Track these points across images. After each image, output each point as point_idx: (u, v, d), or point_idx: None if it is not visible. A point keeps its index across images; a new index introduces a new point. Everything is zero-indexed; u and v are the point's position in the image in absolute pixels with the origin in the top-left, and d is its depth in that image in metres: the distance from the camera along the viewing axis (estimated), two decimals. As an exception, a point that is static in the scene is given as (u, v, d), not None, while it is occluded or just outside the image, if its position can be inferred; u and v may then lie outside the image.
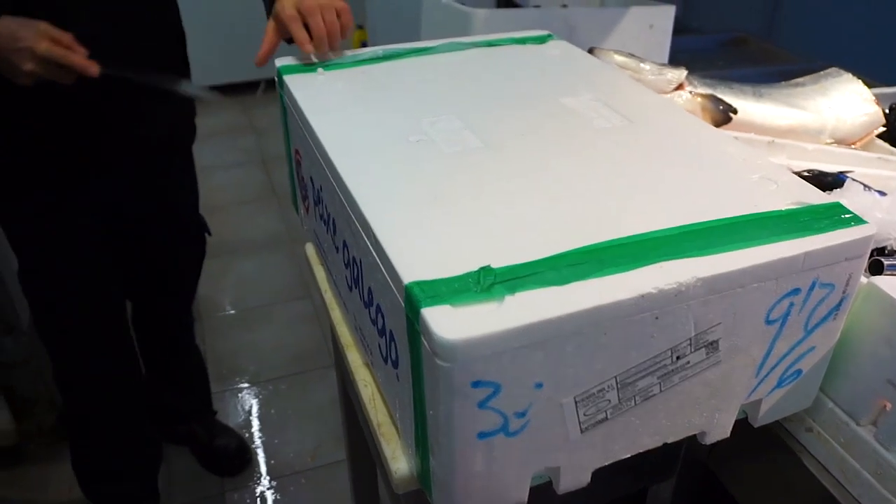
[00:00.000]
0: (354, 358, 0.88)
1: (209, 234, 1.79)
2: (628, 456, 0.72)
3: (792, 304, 0.69)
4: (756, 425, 0.80)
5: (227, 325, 2.60)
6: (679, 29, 2.76)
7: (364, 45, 4.00)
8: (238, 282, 2.83)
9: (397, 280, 0.62)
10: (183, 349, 1.95)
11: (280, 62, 1.07)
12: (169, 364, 1.95)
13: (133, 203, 1.54)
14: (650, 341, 0.63)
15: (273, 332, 2.57)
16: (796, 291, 0.68)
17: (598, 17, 1.81)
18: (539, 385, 0.61)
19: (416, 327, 0.59)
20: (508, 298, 0.58)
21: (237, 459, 2.04)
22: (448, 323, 0.56)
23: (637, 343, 0.63)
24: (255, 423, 2.21)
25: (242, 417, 2.23)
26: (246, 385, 2.36)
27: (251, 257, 2.97)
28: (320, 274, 1.03)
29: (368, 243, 0.69)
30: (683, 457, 0.98)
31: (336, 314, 0.96)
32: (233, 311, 2.68)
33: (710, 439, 0.77)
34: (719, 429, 0.76)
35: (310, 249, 1.10)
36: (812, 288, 0.69)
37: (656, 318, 0.62)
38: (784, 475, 0.86)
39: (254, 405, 2.28)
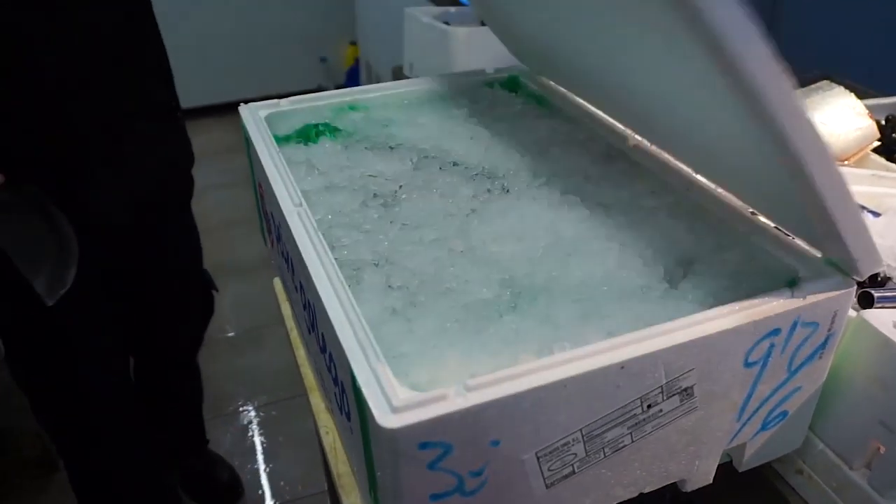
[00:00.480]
0: (317, 402, 0.84)
1: (216, 290, 1.70)
2: (600, 510, 0.67)
3: (773, 346, 0.64)
4: (741, 470, 0.75)
5: (219, 349, 2.56)
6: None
7: (357, 60, 3.98)
8: (230, 304, 2.78)
9: (341, 332, 0.58)
10: (186, 396, 1.89)
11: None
12: (168, 408, 1.89)
13: (129, 262, 1.44)
14: (616, 391, 0.58)
15: (264, 355, 2.53)
16: (776, 332, 0.64)
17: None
18: (495, 443, 0.56)
19: (358, 383, 0.55)
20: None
21: (229, 493, 1.99)
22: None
23: (602, 394, 0.58)
24: (246, 451, 2.17)
25: (233, 444, 2.18)
26: (237, 410, 2.31)
27: (243, 279, 2.93)
28: (287, 311, 0.98)
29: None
30: (670, 498, 0.93)
31: (301, 353, 0.91)
32: (224, 335, 2.64)
33: (690, 486, 0.72)
34: (700, 476, 0.71)
35: (277, 284, 1.05)
36: (794, 327, 0.64)
37: (622, 367, 0.57)
38: (773, 520, 0.81)
39: (245, 432, 2.24)
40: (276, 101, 1.00)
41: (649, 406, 0.61)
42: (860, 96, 1.46)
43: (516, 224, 0.76)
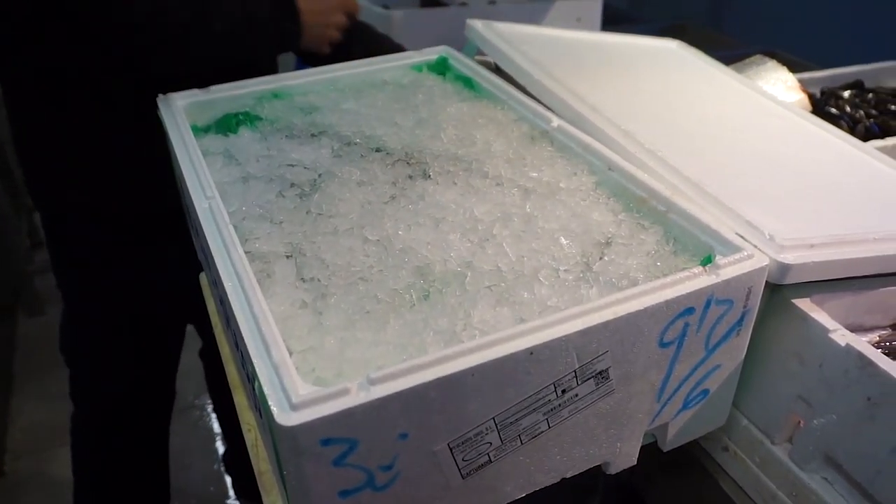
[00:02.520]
0: (241, 400, 0.82)
1: None
2: (523, 495, 0.66)
3: (688, 325, 0.64)
4: (665, 449, 0.75)
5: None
6: (623, 19, 2.73)
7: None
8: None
9: (241, 328, 0.56)
10: None
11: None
12: None
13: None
14: (527, 378, 0.58)
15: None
16: (690, 311, 0.63)
17: (526, 12, 1.75)
18: (404, 436, 0.55)
19: (259, 380, 0.53)
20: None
21: None
22: (286, 378, 0.50)
23: (512, 381, 0.57)
24: (201, 447, 2.14)
25: (185, 442, 2.15)
26: (190, 406, 2.28)
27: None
28: (212, 306, 0.96)
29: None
30: (605, 478, 0.93)
31: (225, 351, 0.89)
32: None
33: (614, 469, 0.71)
34: (624, 457, 0.71)
35: (203, 280, 1.03)
36: (708, 305, 0.64)
37: (531, 353, 0.56)
38: (702, 497, 0.82)
39: (196, 429, 2.21)
40: (195, 90, 0.97)
41: (564, 391, 0.61)
42: (801, 69, 1.48)
43: (435, 211, 0.75)
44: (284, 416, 0.50)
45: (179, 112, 0.91)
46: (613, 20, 2.32)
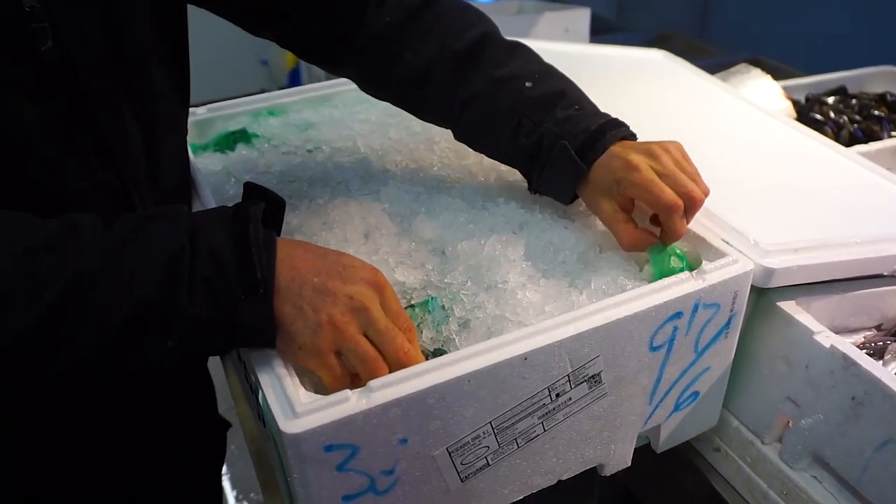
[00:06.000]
0: (243, 410, 0.84)
1: None
2: (520, 498, 0.68)
3: (676, 329, 0.66)
4: (658, 451, 0.77)
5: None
6: (610, 29, 2.76)
7: (298, 61, 3.93)
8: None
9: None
10: None
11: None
12: None
13: None
14: (522, 383, 0.59)
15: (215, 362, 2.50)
16: (678, 315, 0.65)
17: (514, 24, 1.78)
18: (403, 441, 0.57)
19: (262, 388, 0.55)
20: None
21: None
22: (289, 387, 0.52)
23: (507, 386, 0.59)
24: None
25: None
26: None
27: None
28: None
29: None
30: (601, 480, 0.95)
31: (227, 363, 0.91)
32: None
33: (609, 470, 0.73)
34: (618, 459, 0.73)
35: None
36: (696, 310, 0.66)
37: (525, 359, 0.58)
38: (695, 496, 0.84)
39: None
40: (193, 108, 0.99)
41: (558, 395, 0.63)
42: (785, 76, 1.50)
43: (429, 222, 0.77)
44: (289, 424, 0.52)
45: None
46: (600, 30, 2.36)
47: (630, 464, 0.74)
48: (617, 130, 0.72)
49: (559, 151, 0.71)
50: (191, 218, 0.54)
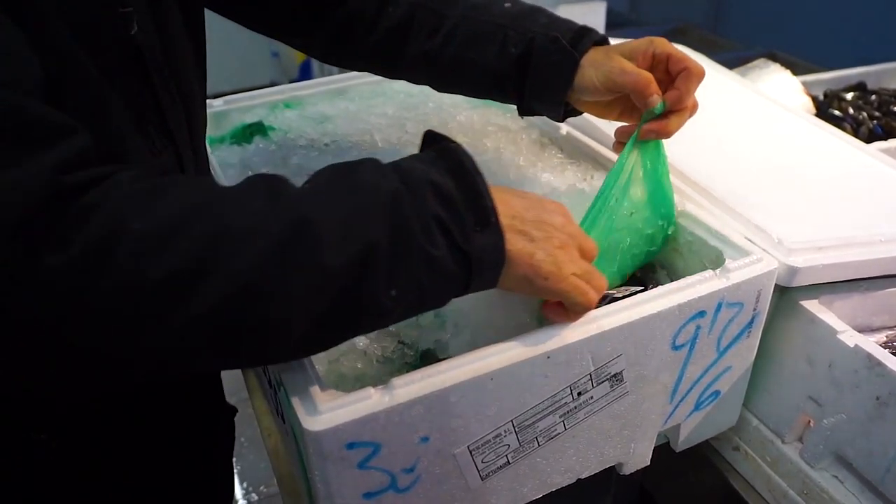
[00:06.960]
0: (260, 404, 0.83)
1: None
2: (539, 496, 0.68)
3: (699, 328, 0.65)
4: (678, 450, 0.76)
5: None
6: (624, 23, 2.75)
7: (309, 53, 3.92)
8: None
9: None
10: None
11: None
12: None
13: None
14: (544, 381, 0.59)
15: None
16: (702, 314, 0.65)
17: (529, 18, 1.77)
18: (425, 439, 0.56)
19: (285, 385, 0.55)
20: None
21: None
22: (312, 385, 0.52)
23: (530, 385, 0.58)
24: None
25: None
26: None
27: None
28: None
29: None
30: (617, 478, 0.94)
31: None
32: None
33: (628, 469, 0.73)
34: (637, 458, 0.72)
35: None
36: (719, 309, 0.65)
37: (547, 357, 0.58)
38: (714, 496, 0.83)
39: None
40: (209, 100, 0.99)
41: (580, 394, 0.62)
42: (802, 71, 1.49)
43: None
44: (311, 421, 0.51)
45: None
46: (615, 24, 2.35)
47: (649, 463, 0.74)
48: (595, 32, 0.74)
49: (551, 43, 0.71)
50: (390, 165, 0.53)
